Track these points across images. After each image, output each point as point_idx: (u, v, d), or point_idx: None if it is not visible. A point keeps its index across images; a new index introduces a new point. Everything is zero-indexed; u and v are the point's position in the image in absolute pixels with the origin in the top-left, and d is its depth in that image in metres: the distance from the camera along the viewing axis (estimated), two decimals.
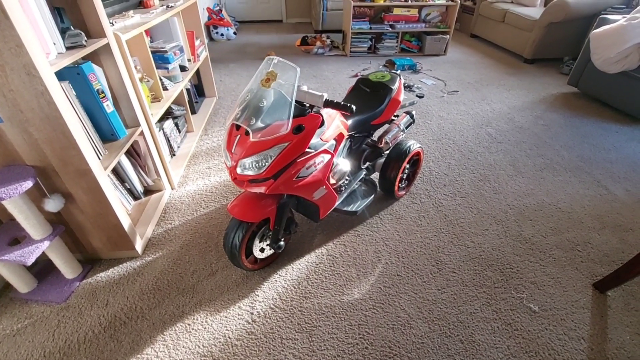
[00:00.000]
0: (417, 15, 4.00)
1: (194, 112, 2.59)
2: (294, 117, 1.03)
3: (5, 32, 0.88)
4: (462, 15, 5.16)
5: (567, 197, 1.85)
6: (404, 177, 1.75)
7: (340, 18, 4.71)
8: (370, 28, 3.98)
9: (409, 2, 3.89)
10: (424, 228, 1.65)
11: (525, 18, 3.77)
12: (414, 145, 1.66)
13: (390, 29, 3.99)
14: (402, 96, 1.65)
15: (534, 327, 1.22)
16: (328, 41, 4.30)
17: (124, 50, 1.40)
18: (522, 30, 3.88)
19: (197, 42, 2.52)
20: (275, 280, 1.40)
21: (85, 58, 1.29)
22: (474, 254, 1.51)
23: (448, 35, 4.03)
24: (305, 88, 1.12)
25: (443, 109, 2.80)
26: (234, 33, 4.83)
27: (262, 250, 1.37)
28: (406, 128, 1.69)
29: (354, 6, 3.77)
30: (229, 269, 1.44)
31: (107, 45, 1.30)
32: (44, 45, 1.04)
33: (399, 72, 1.76)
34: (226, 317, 1.26)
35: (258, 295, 1.34)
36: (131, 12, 1.80)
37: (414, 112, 1.73)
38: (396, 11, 3.95)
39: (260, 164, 1.06)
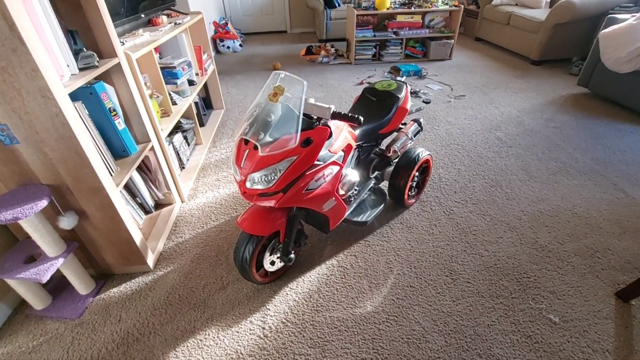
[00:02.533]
0: (421, 21, 4.01)
1: (202, 124, 2.62)
2: (302, 130, 1.03)
3: (21, 57, 0.91)
4: (466, 19, 5.15)
5: (583, 201, 1.81)
6: (414, 185, 1.74)
7: (343, 27, 4.75)
8: (374, 36, 3.99)
9: (412, 8, 3.90)
10: (435, 237, 1.62)
11: (530, 20, 3.75)
12: (422, 153, 1.64)
13: (394, 36, 4.00)
14: (409, 104, 1.64)
15: (555, 340, 1.18)
16: (332, 50, 4.33)
17: (134, 69, 1.43)
18: (528, 32, 3.85)
19: (204, 57, 2.56)
20: (287, 294, 1.38)
21: (98, 78, 1.32)
22: (488, 263, 1.48)
23: (452, 40, 4.02)
24: (312, 101, 1.12)
25: (450, 114, 2.78)
26: (240, 45, 4.91)
27: (272, 263, 1.36)
28: (414, 136, 1.68)
29: (357, 15, 3.80)
30: (239, 282, 1.44)
31: (118, 65, 1.33)
32: (57, 68, 1.07)
33: (404, 78, 1.76)
34: (238, 332, 1.25)
35: (269, 309, 1.33)
36: (141, 30, 1.84)
37: (422, 120, 1.72)
38: (399, 18, 3.97)
39: (269, 178, 1.06)
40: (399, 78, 3.59)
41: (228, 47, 4.79)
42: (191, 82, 2.27)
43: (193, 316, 1.31)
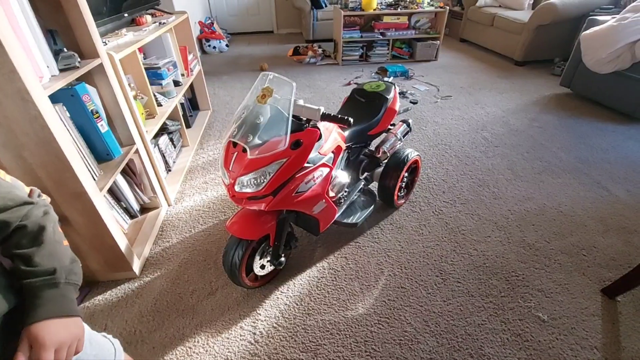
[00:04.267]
0: (407, 22, 4.04)
1: (188, 126, 2.57)
2: (291, 132, 1.02)
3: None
4: (451, 21, 5.22)
5: (568, 200, 1.85)
6: (403, 185, 1.74)
7: (330, 28, 4.74)
8: (361, 36, 4.00)
9: (399, 9, 3.93)
10: (425, 237, 1.63)
11: (513, 21, 3.82)
12: (411, 154, 1.65)
13: (380, 37, 4.02)
14: (398, 105, 1.65)
15: (544, 338, 1.20)
16: (320, 50, 4.32)
17: (117, 70, 1.39)
18: (511, 34, 3.92)
19: (190, 57, 2.51)
20: (277, 298, 1.37)
21: (79, 79, 1.27)
22: (477, 262, 1.49)
23: (438, 41, 4.07)
24: (301, 102, 1.11)
25: (437, 115, 2.80)
26: (226, 45, 4.85)
27: (262, 267, 1.34)
28: (403, 137, 1.68)
29: (344, 16, 3.80)
30: (229, 287, 1.41)
31: (101, 65, 1.29)
32: (37, 69, 1.03)
33: (391, 79, 1.77)
34: (228, 338, 1.23)
35: (260, 314, 1.31)
36: (124, 30, 1.79)
37: (410, 121, 1.73)
38: (386, 19, 3.99)
39: (258, 181, 1.04)
40: (386, 78, 3.61)
41: (214, 47, 4.73)
42: (177, 83, 2.22)
43: (182, 323, 1.28)
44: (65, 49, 1.19)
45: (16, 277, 0.52)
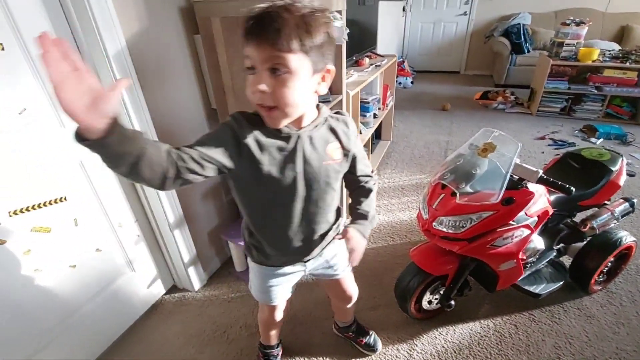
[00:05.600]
0: (636, 78, 3.32)
1: (371, 152, 2.90)
2: (505, 189, 1.07)
3: None
4: None
5: None
6: (605, 270, 1.48)
7: (528, 74, 4.36)
8: (569, 88, 3.54)
9: (628, 63, 3.29)
10: (622, 338, 1.34)
11: None
12: (627, 238, 1.40)
13: (595, 92, 3.45)
14: (623, 180, 1.43)
15: None
16: (512, 97, 4.05)
17: (349, 104, 1.75)
18: None
19: (388, 93, 2.85)
20: (435, 337, 1.40)
21: None
22: None
23: None
24: (517, 160, 1.14)
25: None
26: (411, 82, 5.16)
27: (429, 302, 1.41)
28: (622, 217, 1.44)
29: (552, 65, 3.46)
30: (390, 308, 1.53)
31: (341, 100, 1.67)
32: None
33: (600, 141, 1.53)
34: (384, 353, 1.35)
35: (417, 345, 1.37)
36: (351, 70, 2.23)
37: (635, 200, 1.46)
38: (607, 72, 3.40)
39: (459, 225, 1.13)
40: (593, 139, 3.08)
41: (400, 83, 5.11)
42: (374, 115, 2.56)
43: None
44: None
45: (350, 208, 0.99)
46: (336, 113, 0.86)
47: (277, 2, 0.64)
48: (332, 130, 0.81)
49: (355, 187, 0.95)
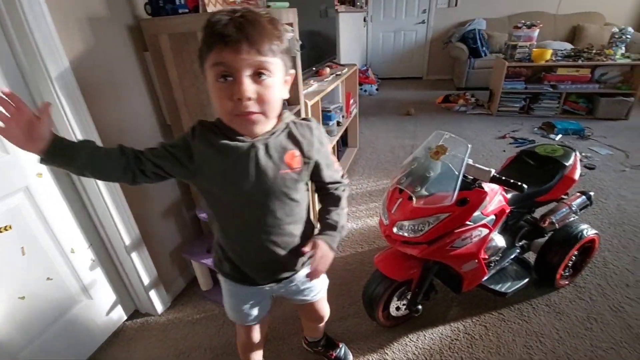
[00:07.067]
0: (590, 75, 3.52)
1: (338, 159, 2.89)
2: (459, 189, 1.06)
3: None
4: None
5: None
6: (569, 264, 1.51)
7: (486, 76, 4.53)
8: (526, 88, 3.70)
9: (580, 61, 3.48)
10: (595, 334, 1.35)
11: None
12: (587, 231, 1.43)
13: (551, 90, 3.62)
14: (578, 174, 1.47)
15: None
16: (472, 99, 4.19)
17: (307, 113, 1.73)
18: None
19: (351, 101, 2.86)
20: (406, 344, 1.37)
21: None
22: None
23: (632, 98, 3.39)
24: (470, 161, 1.14)
25: (624, 187, 2.31)
26: (376, 89, 5.25)
27: (397, 308, 1.38)
28: (580, 210, 1.48)
29: (508, 67, 3.60)
30: (359, 317, 1.49)
31: (299, 110, 1.65)
32: None
33: (559, 137, 1.58)
34: None
35: (387, 354, 1.34)
36: (311, 80, 2.22)
37: (592, 194, 1.50)
38: (561, 71, 3.58)
39: (417, 228, 1.12)
40: (552, 136, 3.21)
41: (365, 91, 5.19)
42: (338, 123, 2.56)
43: None
44: None
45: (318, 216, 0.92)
46: (303, 119, 0.82)
47: (240, 9, 0.63)
48: (292, 137, 0.78)
49: (324, 194, 0.92)
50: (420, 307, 1.32)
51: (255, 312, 0.98)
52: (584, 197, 1.48)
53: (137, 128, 1.41)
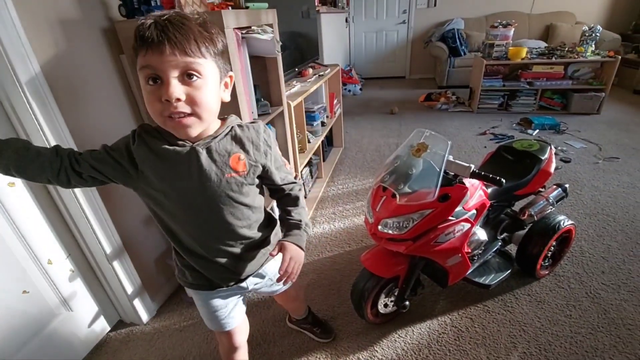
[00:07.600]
0: (563, 72, 3.66)
1: (324, 160, 2.89)
2: (440, 186, 1.08)
3: (234, 109, 1.23)
4: (622, 69, 4.45)
5: None
6: (549, 254, 1.56)
7: (466, 74, 4.65)
8: (504, 85, 3.81)
9: (553, 59, 3.61)
10: (574, 320, 1.40)
11: None
12: (564, 222, 1.48)
13: (527, 87, 3.74)
14: (553, 167, 1.52)
15: None
16: (453, 97, 4.28)
17: (291, 114, 1.73)
18: None
19: (335, 102, 2.88)
20: (395, 340, 1.38)
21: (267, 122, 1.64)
22: None
23: (603, 93, 3.53)
24: (451, 158, 1.17)
25: (598, 178, 2.40)
26: (360, 89, 5.29)
27: (385, 305, 1.39)
28: (557, 202, 1.53)
29: (486, 65, 3.70)
30: (349, 316, 1.50)
31: (282, 111, 1.64)
32: (249, 112, 1.39)
33: (536, 132, 1.63)
34: None
35: (377, 352, 1.35)
36: (294, 81, 2.22)
37: (567, 186, 1.56)
38: (536, 68, 3.71)
39: (402, 225, 1.13)
40: (530, 131, 3.31)
41: (349, 91, 5.23)
42: (322, 123, 2.57)
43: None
44: (262, 99, 1.57)
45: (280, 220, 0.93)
46: (250, 122, 0.82)
47: (167, 12, 0.63)
48: (238, 140, 0.77)
49: (280, 196, 0.91)
50: (407, 303, 1.34)
51: (232, 315, 0.96)
52: (560, 189, 1.53)
53: (115, 132, 1.35)
